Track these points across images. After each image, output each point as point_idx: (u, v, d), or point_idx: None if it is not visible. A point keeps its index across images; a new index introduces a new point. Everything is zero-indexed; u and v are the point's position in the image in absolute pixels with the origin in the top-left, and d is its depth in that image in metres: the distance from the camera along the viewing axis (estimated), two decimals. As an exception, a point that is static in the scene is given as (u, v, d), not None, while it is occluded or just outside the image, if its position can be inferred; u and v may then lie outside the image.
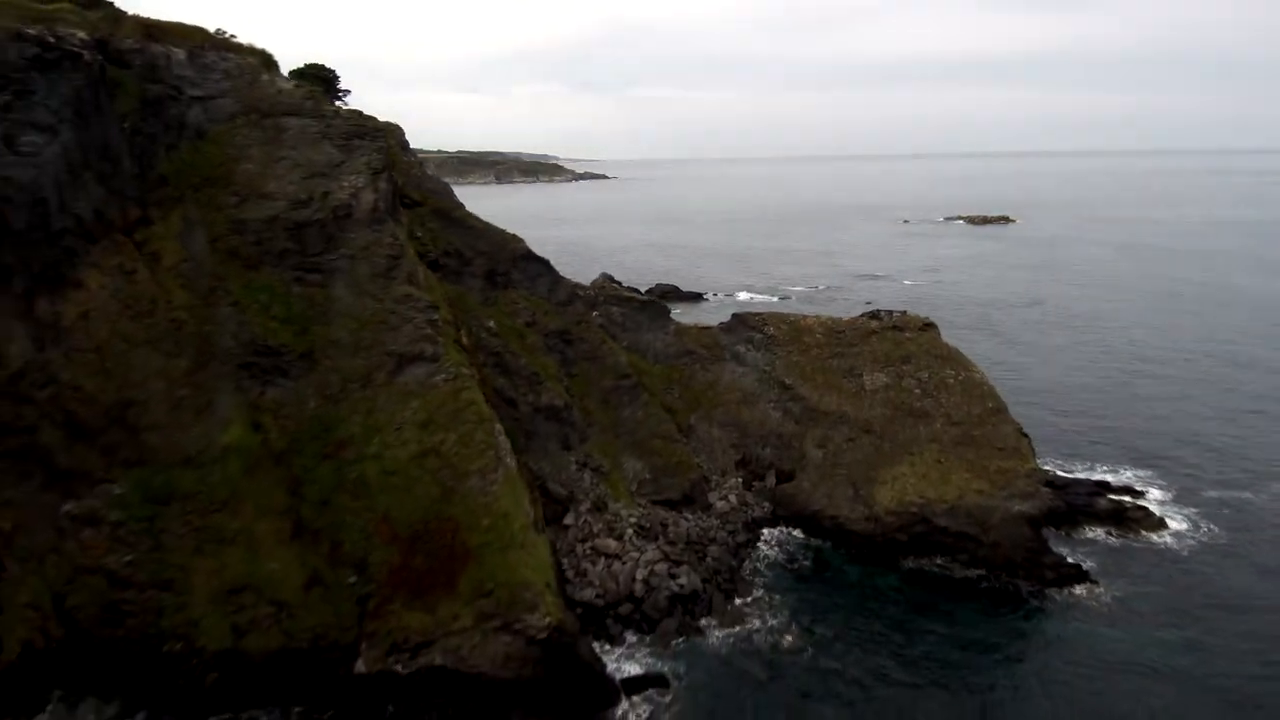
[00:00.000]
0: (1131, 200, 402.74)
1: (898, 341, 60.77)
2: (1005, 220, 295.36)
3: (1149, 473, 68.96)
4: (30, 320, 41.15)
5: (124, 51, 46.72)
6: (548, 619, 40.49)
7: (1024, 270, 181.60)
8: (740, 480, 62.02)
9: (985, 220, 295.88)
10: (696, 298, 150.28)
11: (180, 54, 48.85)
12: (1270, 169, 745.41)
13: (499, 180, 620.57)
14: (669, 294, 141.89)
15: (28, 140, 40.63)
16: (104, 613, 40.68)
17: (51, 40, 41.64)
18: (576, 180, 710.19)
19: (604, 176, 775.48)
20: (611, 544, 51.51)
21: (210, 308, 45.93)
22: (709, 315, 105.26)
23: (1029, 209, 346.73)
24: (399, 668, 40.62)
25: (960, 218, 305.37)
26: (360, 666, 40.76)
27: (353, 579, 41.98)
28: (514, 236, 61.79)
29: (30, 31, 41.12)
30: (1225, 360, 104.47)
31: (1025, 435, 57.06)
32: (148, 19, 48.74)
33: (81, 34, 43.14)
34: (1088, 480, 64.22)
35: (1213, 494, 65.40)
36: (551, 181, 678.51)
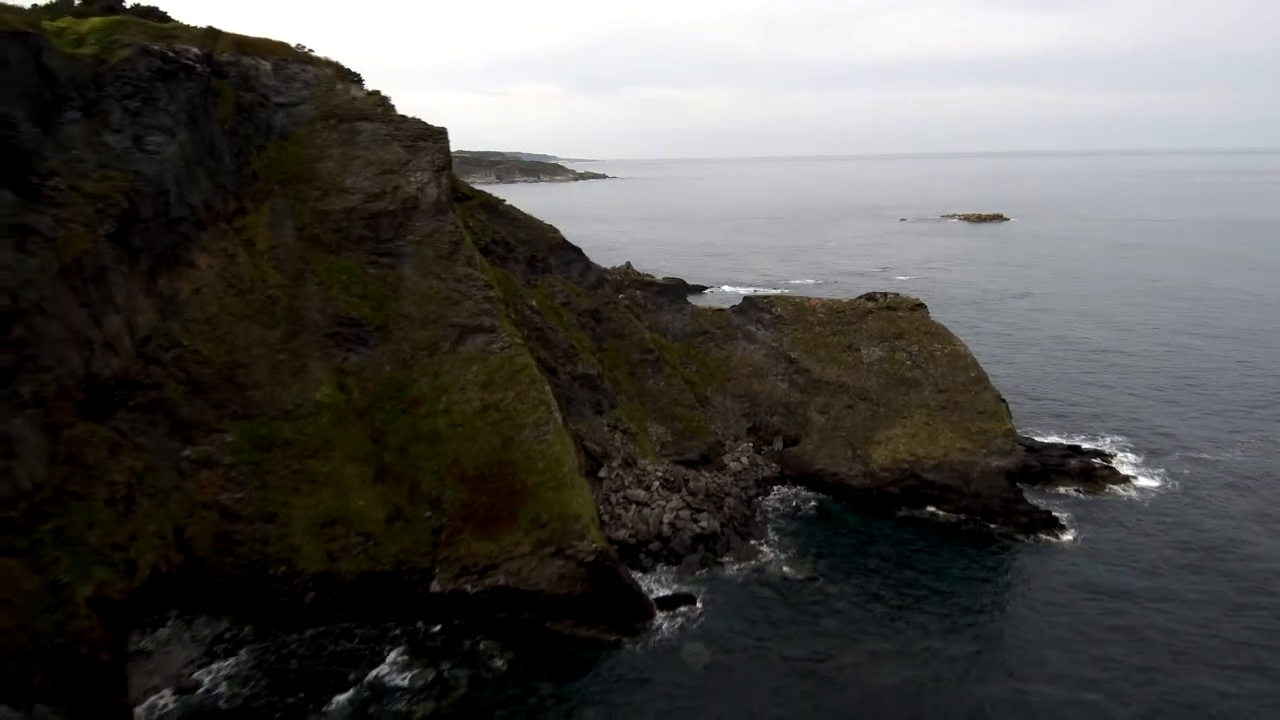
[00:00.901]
0: (1126, 200, 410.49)
1: (891, 319, 68.21)
2: (1000, 218, 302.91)
3: (1119, 439, 76.46)
4: (154, 294, 48.50)
5: (222, 64, 54.10)
6: (595, 545, 47.95)
7: (1015, 265, 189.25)
8: (751, 444, 69.44)
9: (980, 218, 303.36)
10: (699, 290, 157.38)
11: (267, 66, 56.24)
12: (1266, 169, 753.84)
13: (500, 180, 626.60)
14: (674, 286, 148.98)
15: (153, 140, 48.00)
16: (217, 542, 48.00)
17: (172, 55, 49.04)
18: (577, 180, 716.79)
19: (604, 176, 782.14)
20: (641, 493, 58.90)
21: (299, 286, 53.34)
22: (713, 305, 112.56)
23: (1024, 208, 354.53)
24: (468, 587, 48.11)
25: (956, 216, 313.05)
26: (435, 586, 48.24)
27: (428, 513, 49.42)
28: (551, 227, 69.29)
29: (155, 47, 48.52)
30: (1198, 349, 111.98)
31: (1003, 401, 64.48)
32: (240, 35, 56.06)
33: (195, 49, 50.52)
34: (1061, 444, 71.76)
35: (1175, 457, 72.89)
36: (553, 181, 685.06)
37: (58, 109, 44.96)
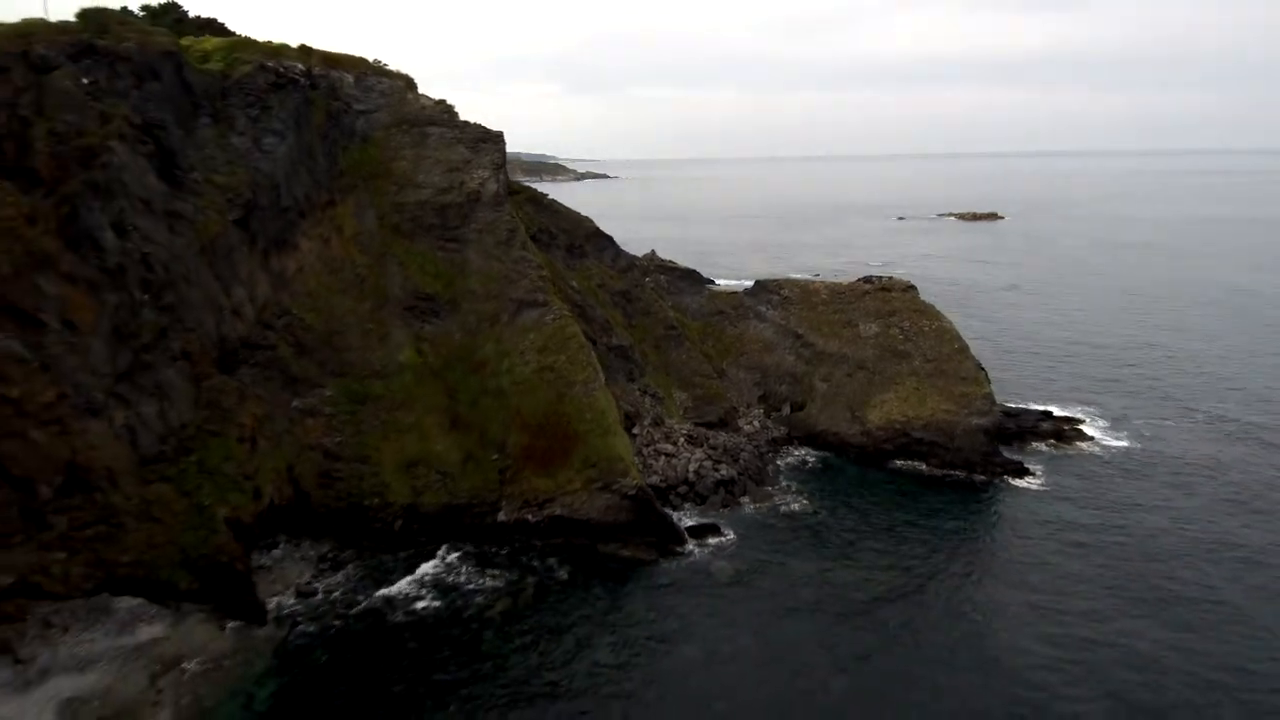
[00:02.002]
0: (1118, 199, 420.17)
1: (886, 299, 77.60)
2: (994, 217, 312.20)
3: (1091, 408, 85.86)
4: (268, 271, 57.84)
5: (315, 77, 63.26)
6: (635, 481, 57.31)
7: (1005, 261, 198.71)
8: (762, 410, 78.76)
9: (975, 217, 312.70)
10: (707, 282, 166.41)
11: (350, 78, 65.46)
12: (1261, 168, 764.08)
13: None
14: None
15: (268, 142, 57.31)
16: (321, 478, 57.32)
17: (281, 70, 58.39)
18: (578, 180, 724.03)
19: (605, 176, 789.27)
20: (669, 447, 68.24)
21: (381, 267, 62.64)
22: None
23: (1018, 207, 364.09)
24: (529, 517, 57.46)
25: (952, 214, 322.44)
26: (502, 516, 57.61)
27: (495, 456, 58.75)
28: (586, 219, 78.70)
29: (269, 64, 57.86)
30: (1175, 337, 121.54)
31: (982, 369, 73.79)
32: (327, 52, 65.22)
33: (300, 65, 59.83)
34: (1037, 410, 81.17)
35: (1139, 421, 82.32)
36: (555, 181, 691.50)
37: (194, 115, 54.34)
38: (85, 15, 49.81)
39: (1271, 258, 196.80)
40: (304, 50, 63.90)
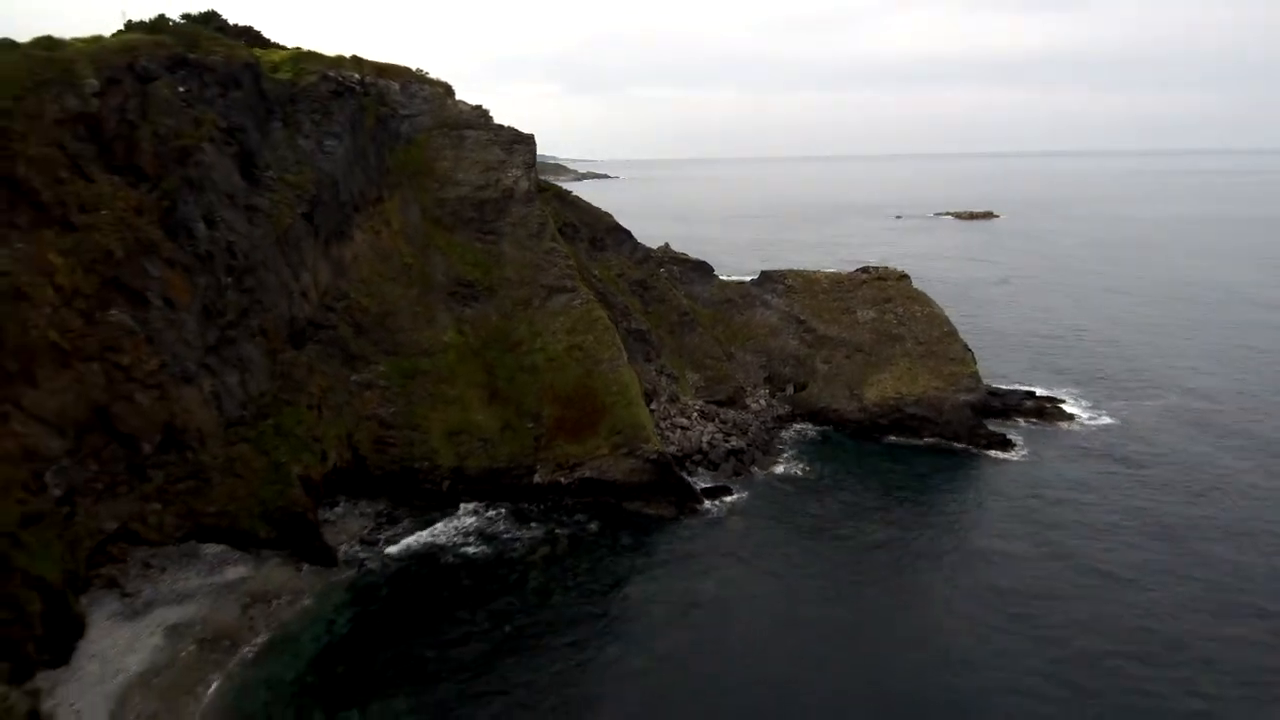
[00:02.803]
0: (1113, 198, 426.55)
1: (881, 288, 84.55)
2: (990, 216, 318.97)
3: (1072, 389, 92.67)
4: (329, 259, 64.74)
5: (366, 85, 70.15)
6: (656, 447, 64.23)
7: (999, 258, 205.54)
8: (768, 391, 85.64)
9: (972, 216, 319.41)
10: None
11: (396, 86, 72.35)
12: (1261, 168, 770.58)
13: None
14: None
15: (329, 144, 64.19)
16: (376, 444, 64.19)
17: (340, 79, 65.31)
18: (579, 180, 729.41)
19: (606, 176, 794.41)
20: (684, 421, 75.17)
21: (426, 256, 69.53)
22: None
23: (1014, 206, 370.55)
24: (562, 479, 64.37)
25: (949, 214, 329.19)
26: (537, 478, 64.49)
27: (530, 425, 65.62)
28: (606, 214, 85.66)
29: (330, 74, 64.79)
30: (1152, 328, 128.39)
31: (969, 350, 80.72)
32: (377, 62, 72.12)
33: (356, 75, 66.75)
34: (1021, 390, 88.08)
35: (1118, 403, 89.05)
36: (556, 181, 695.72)
37: (268, 119, 61.23)
38: (178, 30, 56.66)
39: (1269, 258, 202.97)
40: (357, 61, 70.78)
